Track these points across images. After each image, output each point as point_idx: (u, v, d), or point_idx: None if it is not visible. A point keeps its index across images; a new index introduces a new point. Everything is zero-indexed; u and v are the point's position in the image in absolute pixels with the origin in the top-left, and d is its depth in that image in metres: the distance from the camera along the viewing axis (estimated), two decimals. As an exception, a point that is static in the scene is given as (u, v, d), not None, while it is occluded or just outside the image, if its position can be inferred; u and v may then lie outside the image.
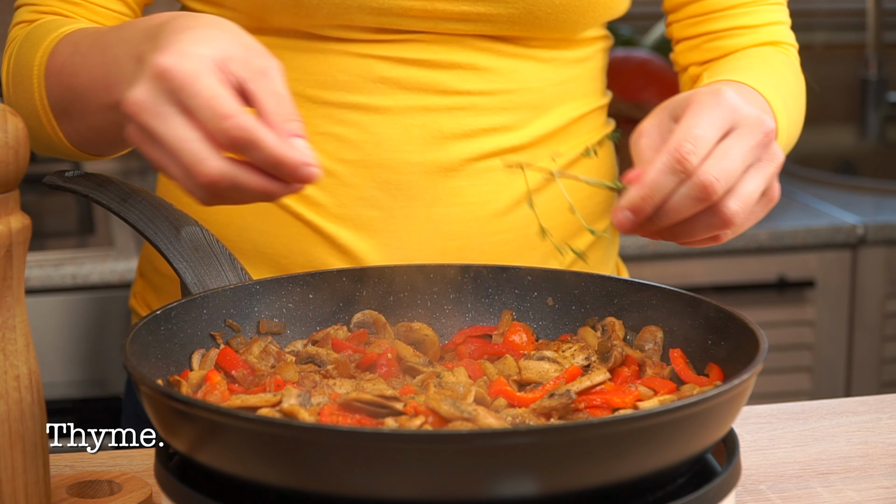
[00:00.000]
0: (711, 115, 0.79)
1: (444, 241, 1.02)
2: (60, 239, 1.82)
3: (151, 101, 0.73)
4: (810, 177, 2.30)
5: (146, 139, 0.74)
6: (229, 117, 0.71)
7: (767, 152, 0.81)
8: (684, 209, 0.79)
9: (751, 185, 0.80)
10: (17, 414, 0.74)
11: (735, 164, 0.79)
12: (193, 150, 0.72)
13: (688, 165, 0.78)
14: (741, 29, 1.08)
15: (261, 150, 0.72)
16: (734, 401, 0.71)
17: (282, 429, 0.65)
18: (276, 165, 0.73)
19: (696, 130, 0.79)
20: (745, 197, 0.80)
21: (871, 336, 2.08)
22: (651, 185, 0.78)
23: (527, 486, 0.64)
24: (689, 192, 0.78)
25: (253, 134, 0.72)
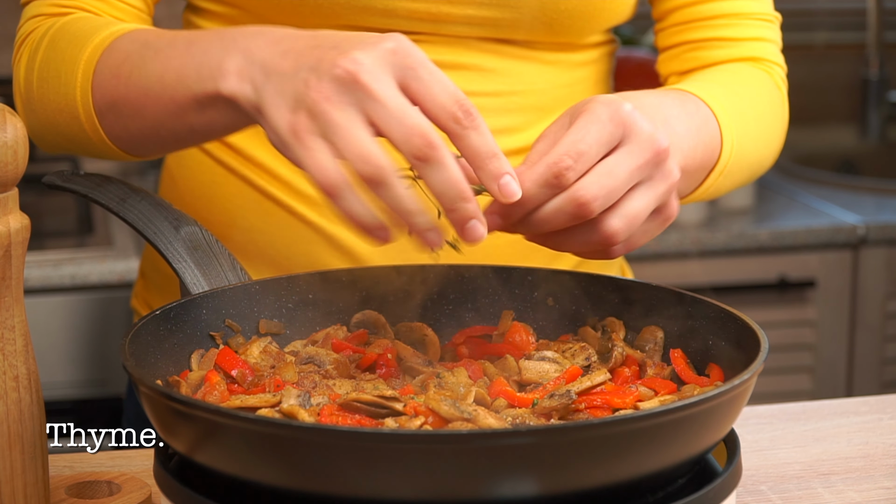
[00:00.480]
0: (599, 126, 0.76)
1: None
2: (59, 239, 1.82)
3: (379, 67, 0.71)
4: (811, 177, 2.30)
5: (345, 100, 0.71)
6: (467, 98, 0.71)
7: (659, 170, 0.78)
8: (556, 221, 0.76)
9: (637, 203, 0.77)
10: (16, 414, 0.74)
11: (617, 182, 0.75)
12: (420, 116, 0.71)
13: (563, 181, 0.75)
14: (722, 41, 1.05)
15: (486, 134, 0.72)
16: (735, 401, 0.71)
17: (281, 429, 0.65)
18: (493, 155, 0.72)
19: (579, 145, 0.75)
20: (629, 215, 0.77)
21: (872, 336, 2.08)
22: (524, 195, 0.75)
23: (527, 487, 0.64)
24: (563, 205, 0.75)
25: (481, 118, 0.71)
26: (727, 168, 0.96)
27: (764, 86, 1.04)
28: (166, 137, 0.88)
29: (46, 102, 0.93)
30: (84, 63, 0.91)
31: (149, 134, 0.89)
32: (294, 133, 0.73)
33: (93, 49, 0.91)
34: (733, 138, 0.96)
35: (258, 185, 1.04)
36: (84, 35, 0.92)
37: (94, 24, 0.94)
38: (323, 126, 0.72)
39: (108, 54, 0.90)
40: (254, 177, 1.04)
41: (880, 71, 2.53)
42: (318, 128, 0.72)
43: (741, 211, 2.11)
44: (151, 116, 0.86)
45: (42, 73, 0.94)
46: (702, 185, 0.96)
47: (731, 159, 0.96)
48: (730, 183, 1.00)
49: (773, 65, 1.07)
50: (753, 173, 1.04)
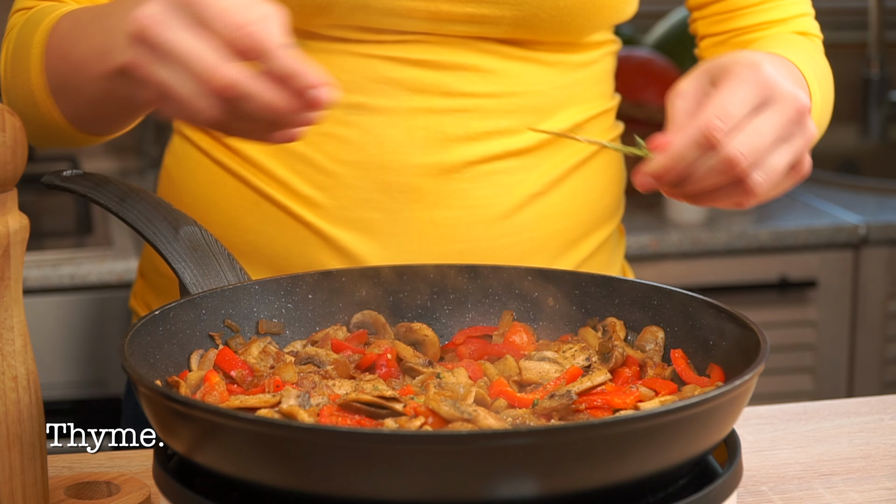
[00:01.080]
0: (746, 88, 0.80)
1: (447, 245, 1.02)
2: (58, 239, 1.82)
3: (162, 15, 0.74)
4: (812, 176, 2.29)
5: (153, 58, 0.74)
6: (246, 25, 0.73)
7: (799, 128, 0.82)
8: (708, 179, 0.80)
9: (778, 158, 0.81)
10: (15, 415, 0.74)
11: (764, 139, 0.80)
12: (207, 57, 0.73)
13: (715, 141, 0.78)
14: (769, 24, 1.08)
15: (276, 58, 0.73)
16: (736, 402, 0.71)
17: (281, 430, 0.65)
18: (290, 75, 0.73)
19: (727, 105, 0.79)
20: (770, 170, 0.81)
21: (874, 336, 2.08)
22: (676, 156, 0.79)
23: (527, 488, 0.64)
24: (715, 164, 0.79)
25: (269, 41, 0.73)
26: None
27: (820, 53, 1.08)
28: (108, 111, 0.90)
29: (17, 93, 0.95)
30: (35, 47, 0.93)
31: (93, 110, 0.91)
32: (149, 105, 0.77)
33: (41, 31, 0.93)
34: (818, 100, 0.99)
35: (256, 186, 1.03)
36: (39, 20, 0.94)
37: (49, 9, 0.95)
38: (157, 88, 0.75)
39: (52, 35, 0.92)
40: (251, 177, 1.04)
41: (881, 70, 2.53)
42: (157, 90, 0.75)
43: (741, 211, 2.10)
44: (91, 92, 0.88)
45: (12, 64, 0.96)
46: None
47: (816, 119, 0.98)
48: None
49: (815, 37, 1.10)
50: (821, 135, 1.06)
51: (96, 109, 0.90)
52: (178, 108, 0.76)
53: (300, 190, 1.02)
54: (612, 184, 1.10)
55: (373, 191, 1.00)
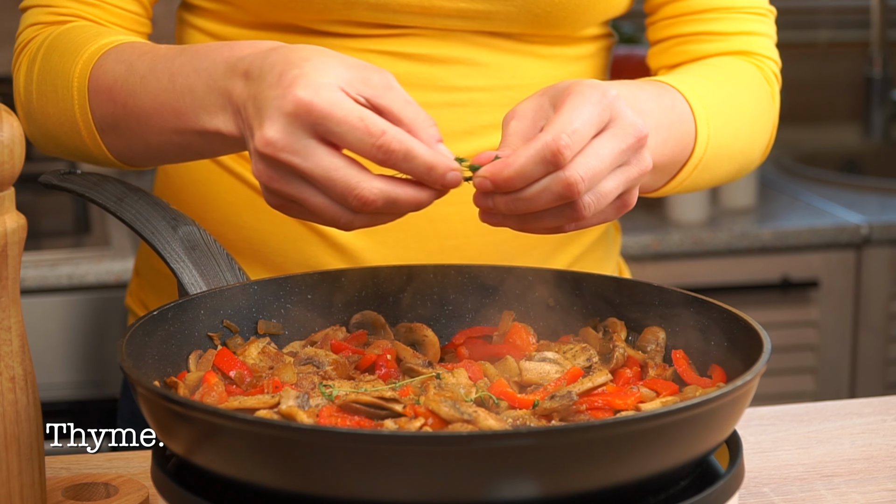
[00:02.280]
0: (591, 109, 0.77)
1: (442, 240, 1.02)
2: (56, 239, 1.82)
3: (290, 138, 0.74)
4: (814, 176, 2.29)
5: (285, 177, 0.76)
6: (383, 133, 0.74)
7: (636, 157, 0.79)
8: (542, 201, 0.77)
9: (611, 184, 0.78)
10: (13, 415, 0.74)
11: (603, 164, 0.77)
12: (347, 175, 0.75)
13: (561, 160, 0.75)
14: (712, 35, 1.05)
15: (416, 158, 0.75)
16: (737, 402, 0.70)
17: (280, 430, 0.64)
18: (429, 172, 0.75)
19: (575, 124, 0.76)
20: (601, 195, 0.78)
21: (876, 337, 2.07)
22: (519, 171, 0.76)
23: (528, 489, 0.64)
24: (552, 185, 0.76)
25: (408, 144, 0.74)
26: (703, 163, 0.97)
27: (751, 79, 1.04)
28: (169, 156, 0.91)
29: (47, 115, 0.95)
30: (77, 81, 0.92)
31: (151, 152, 0.91)
32: (277, 207, 0.79)
33: (82, 66, 0.92)
34: (710, 133, 0.96)
35: (252, 183, 1.03)
36: (74, 48, 0.94)
37: (84, 35, 0.95)
38: (289, 199, 0.77)
39: (99, 76, 0.91)
40: (248, 174, 1.04)
41: (884, 69, 2.52)
42: (287, 200, 0.78)
43: (744, 210, 2.10)
44: (155, 141, 0.89)
45: (40, 87, 0.95)
46: (673, 179, 0.97)
47: (706, 154, 0.96)
48: (709, 177, 1.00)
49: (764, 58, 1.06)
50: (739, 167, 1.03)
51: (155, 152, 0.91)
52: (307, 215, 0.77)
53: None
54: None
55: None
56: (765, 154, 1.07)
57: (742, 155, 1.02)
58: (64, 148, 0.96)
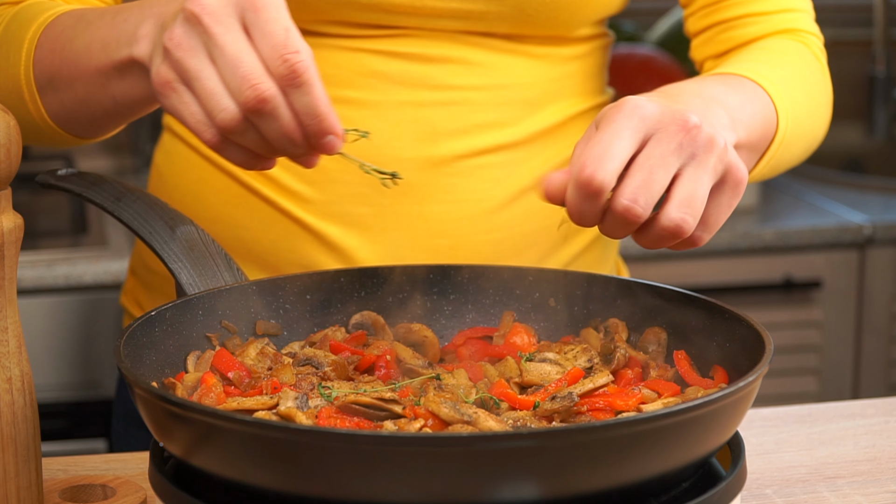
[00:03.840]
0: (615, 129, 0.75)
1: (436, 239, 1.01)
2: (53, 239, 1.81)
3: (221, 9, 0.74)
4: (817, 175, 2.29)
5: (195, 46, 0.74)
6: (299, 52, 0.73)
7: (698, 145, 0.76)
8: (620, 231, 0.76)
9: (688, 186, 0.75)
10: (10, 417, 0.74)
11: (651, 174, 0.74)
12: (255, 65, 0.73)
13: (595, 187, 0.73)
14: (753, 16, 1.04)
15: (313, 95, 0.73)
16: (739, 403, 0.70)
17: (279, 432, 0.64)
18: (316, 118, 0.74)
19: (597, 149, 0.74)
20: (685, 200, 0.75)
21: (879, 337, 2.07)
22: (574, 212, 0.76)
23: (528, 490, 0.63)
24: (614, 220, 0.75)
25: (314, 79, 0.73)
26: (786, 138, 0.96)
27: (803, 56, 1.03)
28: (95, 111, 0.89)
29: (3, 85, 0.94)
30: (28, 41, 0.92)
31: (80, 108, 0.90)
32: (161, 84, 0.76)
33: (37, 26, 0.92)
34: (787, 107, 0.95)
35: (244, 182, 1.03)
36: (33, 16, 0.94)
37: (46, 5, 0.95)
38: (181, 73, 0.75)
39: (49, 30, 0.91)
40: (240, 173, 1.03)
41: (887, 68, 2.51)
42: (178, 75, 0.75)
43: (746, 210, 2.10)
44: (81, 88, 0.88)
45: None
46: (763, 156, 0.96)
47: (789, 128, 0.96)
48: (789, 156, 0.99)
49: (808, 34, 1.06)
50: (809, 146, 1.03)
51: (83, 107, 0.90)
52: (189, 102, 0.75)
53: (288, 185, 1.02)
54: None
55: (361, 185, 1.00)
56: (826, 130, 1.06)
57: (812, 130, 1.01)
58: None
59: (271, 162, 0.78)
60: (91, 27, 0.87)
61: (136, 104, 0.86)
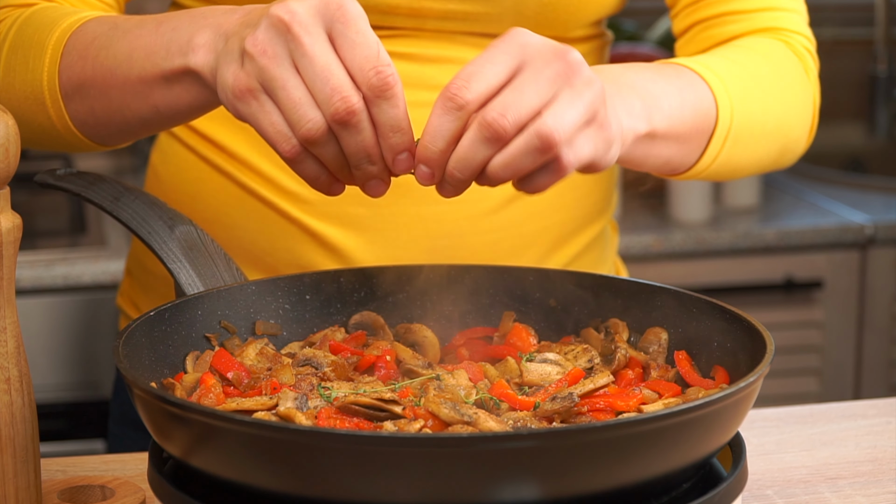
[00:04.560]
0: (491, 51, 0.74)
1: (434, 240, 1.01)
2: (52, 238, 1.81)
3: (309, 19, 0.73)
4: (818, 175, 2.28)
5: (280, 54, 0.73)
6: (390, 65, 0.73)
7: (578, 79, 0.73)
8: (478, 154, 0.74)
9: (562, 105, 0.73)
10: (8, 417, 0.73)
11: (527, 95, 0.72)
12: (344, 77, 0.72)
13: (459, 100, 0.72)
14: (734, 14, 1.02)
15: (399, 109, 0.73)
16: (740, 404, 0.70)
17: (278, 432, 0.64)
18: (399, 129, 0.73)
19: (470, 66, 0.73)
20: (557, 114, 0.72)
21: (881, 338, 2.07)
22: (430, 130, 0.74)
23: (529, 491, 0.63)
24: (477, 133, 0.72)
25: (402, 89, 0.73)
26: (733, 133, 0.94)
27: (775, 54, 1.01)
28: (130, 119, 0.88)
29: (12, 92, 0.94)
30: (52, 47, 0.91)
31: (113, 116, 0.89)
32: (241, 91, 0.75)
33: (61, 32, 0.91)
34: (731, 100, 0.93)
35: (242, 182, 1.03)
36: (52, 21, 0.93)
37: (62, 11, 0.94)
38: (264, 82, 0.74)
39: (76, 37, 0.90)
40: (237, 173, 1.03)
41: (889, 67, 2.51)
42: (261, 83, 0.74)
43: (747, 210, 2.09)
44: (117, 97, 0.87)
45: (8, 62, 0.94)
46: (706, 151, 0.94)
47: (734, 123, 0.93)
48: (749, 153, 0.97)
49: (792, 34, 1.03)
50: (781, 147, 1.00)
51: (117, 115, 0.89)
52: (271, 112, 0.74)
53: (286, 185, 1.01)
54: (602, 179, 1.09)
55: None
56: (810, 135, 1.04)
57: (780, 132, 0.99)
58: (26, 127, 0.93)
59: (340, 186, 0.77)
60: (130, 35, 0.85)
61: (179, 114, 0.85)
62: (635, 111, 0.83)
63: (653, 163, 0.90)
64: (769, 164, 1.01)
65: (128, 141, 0.95)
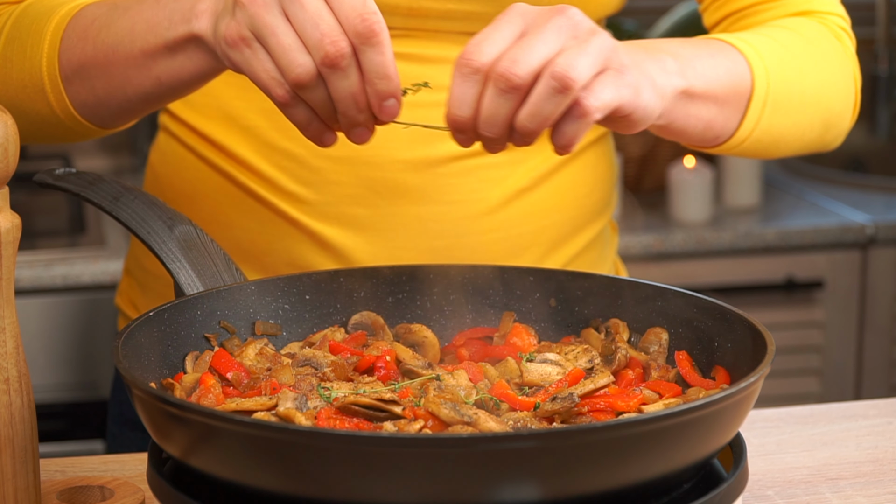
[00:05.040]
0: (496, 23, 0.78)
1: (432, 240, 1.01)
2: (51, 238, 1.81)
3: None
4: (819, 175, 2.28)
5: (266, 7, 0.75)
6: (376, 13, 0.75)
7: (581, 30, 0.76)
8: (501, 108, 0.76)
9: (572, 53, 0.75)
10: (7, 418, 0.73)
11: (535, 47, 0.75)
12: (331, 23, 0.75)
13: (473, 64, 0.76)
14: (766, 2, 1.03)
15: (384, 55, 0.76)
16: (741, 404, 0.70)
17: (278, 433, 0.64)
18: (384, 76, 0.76)
19: (477, 36, 0.77)
20: (570, 59, 0.74)
21: (882, 338, 2.06)
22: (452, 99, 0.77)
23: (529, 492, 0.63)
24: (494, 89, 0.75)
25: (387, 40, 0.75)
26: (771, 99, 0.94)
27: (810, 29, 1.01)
28: (131, 96, 0.90)
29: (9, 83, 0.94)
30: (51, 33, 0.92)
31: (115, 93, 0.90)
32: (232, 40, 0.78)
33: (59, 19, 0.92)
34: (768, 67, 0.94)
35: (240, 182, 1.03)
36: (50, 9, 0.94)
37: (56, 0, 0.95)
38: (255, 29, 0.77)
39: (76, 21, 0.92)
40: (236, 173, 1.03)
41: (890, 67, 2.51)
42: (252, 31, 0.77)
43: (748, 210, 2.09)
44: (119, 73, 0.88)
45: (5, 53, 0.94)
46: (746, 116, 0.94)
47: (770, 87, 0.94)
48: (790, 122, 0.97)
49: (827, 15, 1.04)
50: (823, 120, 1.00)
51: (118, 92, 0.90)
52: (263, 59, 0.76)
53: (284, 186, 1.01)
54: (602, 179, 1.09)
55: (357, 186, 1.00)
56: (854, 112, 1.04)
57: (820, 105, 0.99)
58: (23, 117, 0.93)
59: (332, 136, 0.80)
60: (130, 12, 0.87)
61: (182, 84, 0.87)
62: (669, 68, 0.85)
63: (695, 125, 0.90)
64: (814, 140, 1.01)
65: (128, 121, 0.96)
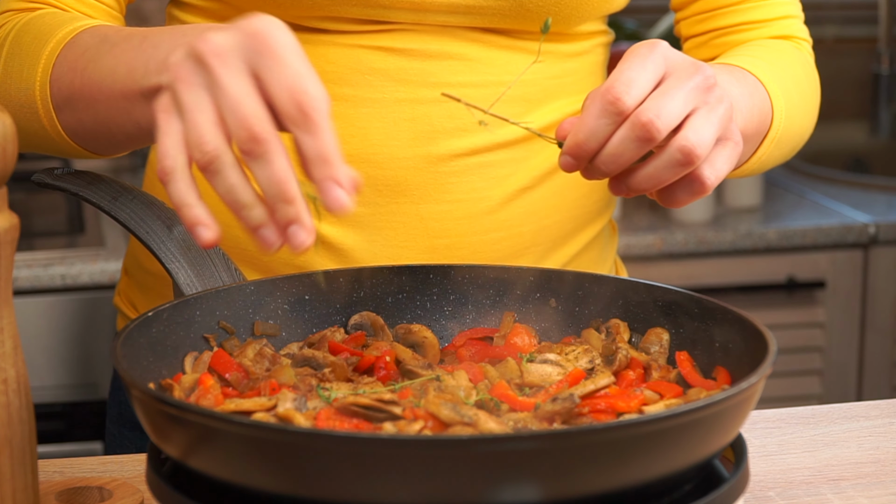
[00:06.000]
0: (642, 60, 0.79)
1: (433, 239, 1.01)
2: (49, 238, 1.81)
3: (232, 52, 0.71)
4: (820, 175, 2.28)
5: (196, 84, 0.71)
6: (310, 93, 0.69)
7: (712, 95, 0.80)
8: (628, 151, 0.79)
9: (699, 122, 0.79)
10: (5, 418, 0.73)
11: (673, 101, 0.78)
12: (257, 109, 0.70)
13: (620, 105, 0.77)
14: (751, 24, 1.07)
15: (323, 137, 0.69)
16: (742, 405, 0.70)
17: (277, 434, 0.64)
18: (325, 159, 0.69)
19: (626, 73, 0.78)
20: (697, 132, 0.78)
21: (884, 338, 2.06)
22: (586, 130, 0.78)
23: (529, 493, 0.63)
24: (630, 133, 0.78)
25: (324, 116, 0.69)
26: (778, 136, 0.99)
27: (798, 58, 1.06)
28: (116, 134, 0.88)
29: (8, 98, 0.94)
30: (45, 58, 0.91)
31: (101, 129, 0.89)
32: (156, 112, 0.74)
33: (55, 43, 0.91)
34: (782, 106, 0.98)
35: None
36: (49, 30, 0.93)
37: (60, 19, 0.94)
38: (177, 105, 0.73)
39: (69, 49, 0.90)
40: None
41: (891, 66, 2.51)
42: (175, 107, 0.73)
43: (749, 210, 2.09)
44: (103, 111, 0.87)
45: (6, 68, 0.94)
46: (755, 153, 0.99)
47: (782, 126, 0.98)
48: (779, 154, 1.02)
49: (801, 41, 1.09)
50: (796, 145, 1.05)
51: (103, 128, 0.89)
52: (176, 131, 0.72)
53: None
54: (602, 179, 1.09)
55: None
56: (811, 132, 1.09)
57: (801, 131, 1.04)
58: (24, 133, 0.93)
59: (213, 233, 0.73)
60: (116, 49, 0.85)
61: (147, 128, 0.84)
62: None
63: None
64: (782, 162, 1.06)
65: (120, 152, 0.95)
